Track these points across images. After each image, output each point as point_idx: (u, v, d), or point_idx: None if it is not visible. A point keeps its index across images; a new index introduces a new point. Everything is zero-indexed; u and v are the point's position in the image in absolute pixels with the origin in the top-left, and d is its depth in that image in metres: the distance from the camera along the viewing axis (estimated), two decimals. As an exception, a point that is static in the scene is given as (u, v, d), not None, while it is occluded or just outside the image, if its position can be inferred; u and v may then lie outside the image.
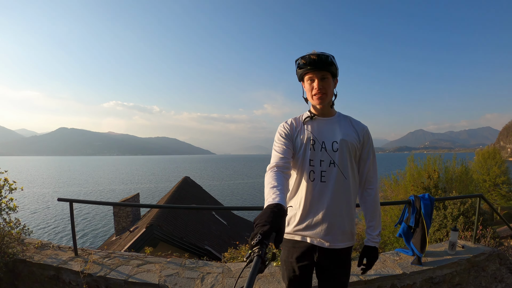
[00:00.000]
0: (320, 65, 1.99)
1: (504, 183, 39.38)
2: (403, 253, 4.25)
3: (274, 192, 1.67)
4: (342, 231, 2.07)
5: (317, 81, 2.04)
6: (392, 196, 23.54)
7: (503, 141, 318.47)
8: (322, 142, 2.08)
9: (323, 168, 2.05)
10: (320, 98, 2.07)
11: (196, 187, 22.91)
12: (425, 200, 3.94)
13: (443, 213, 11.56)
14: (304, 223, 2.08)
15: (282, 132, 2.18)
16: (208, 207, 6.04)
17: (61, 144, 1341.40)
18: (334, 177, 2.04)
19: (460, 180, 25.07)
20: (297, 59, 2.09)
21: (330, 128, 2.14)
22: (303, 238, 2.10)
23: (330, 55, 2.02)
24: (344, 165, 2.06)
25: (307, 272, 2.13)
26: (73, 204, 4.05)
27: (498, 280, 4.42)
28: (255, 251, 1.27)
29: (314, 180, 2.05)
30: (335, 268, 2.10)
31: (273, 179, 1.82)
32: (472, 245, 4.62)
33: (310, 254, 2.09)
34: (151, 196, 56.74)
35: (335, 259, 2.09)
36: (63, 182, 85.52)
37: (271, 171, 1.93)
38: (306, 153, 2.09)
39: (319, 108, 2.17)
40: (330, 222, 2.04)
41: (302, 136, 2.13)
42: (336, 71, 2.09)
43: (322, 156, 2.06)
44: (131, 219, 15.98)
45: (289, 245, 2.16)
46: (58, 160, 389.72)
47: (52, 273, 3.71)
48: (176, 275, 3.64)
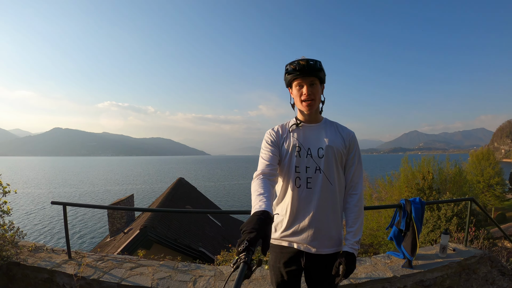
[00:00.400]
0: (309, 71, 2.01)
1: (498, 184, 39.62)
2: (394, 256, 4.28)
3: (260, 200, 1.71)
4: (328, 236, 2.08)
5: (306, 87, 2.06)
6: (387, 197, 23.62)
7: (497, 143, 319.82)
8: (307, 148, 2.11)
9: (309, 174, 2.07)
10: (309, 104, 2.09)
11: (191, 188, 22.87)
12: (416, 204, 3.97)
13: (437, 214, 11.61)
14: (291, 229, 2.10)
15: (268, 139, 2.21)
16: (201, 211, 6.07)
17: (55, 145, 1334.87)
18: (320, 183, 2.06)
19: (454, 181, 25.21)
20: (286, 65, 2.10)
21: (316, 135, 2.16)
22: (290, 244, 2.12)
23: (318, 61, 2.04)
24: (330, 171, 2.08)
25: (295, 277, 2.16)
26: (66, 207, 4.05)
27: (489, 282, 4.45)
28: (242, 258, 1.29)
29: (300, 186, 2.08)
30: (323, 274, 2.10)
31: (260, 187, 1.87)
32: (463, 248, 4.65)
33: (297, 259, 2.11)
34: (146, 197, 56.51)
35: (322, 264, 2.09)
36: (57, 183, 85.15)
37: (258, 178, 1.97)
38: (291, 160, 2.12)
39: (307, 114, 2.18)
40: (316, 228, 2.05)
41: (288, 143, 2.15)
42: (324, 77, 2.11)
43: (308, 163, 2.08)
44: (125, 220, 15.93)
45: (277, 251, 2.18)
46: (53, 161, 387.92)
47: (46, 276, 3.71)
48: (169, 278, 3.66)
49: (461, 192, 24.60)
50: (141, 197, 55.49)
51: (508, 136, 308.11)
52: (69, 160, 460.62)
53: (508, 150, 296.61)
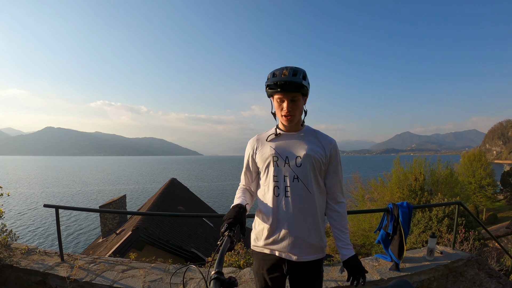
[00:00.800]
0: (291, 88, 1.97)
1: (490, 185, 39.90)
2: (382, 258, 4.34)
3: (237, 198, 2.18)
4: (309, 244, 2.10)
5: (287, 103, 2.04)
6: (379, 198, 23.73)
7: (488, 144, 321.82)
8: (285, 157, 2.13)
9: (287, 183, 2.09)
10: (289, 120, 2.09)
11: (183, 189, 22.82)
12: (403, 208, 4.03)
13: (429, 215, 11.70)
14: (272, 237, 2.14)
15: (248, 148, 2.34)
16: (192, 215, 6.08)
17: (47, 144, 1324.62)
18: (299, 192, 2.08)
19: (445, 182, 25.38)
20: (268, 75, 2.08)
21: (295, 144, 2.16)
22: (271, 251, 2.16)
23: (302, 74, 2.01)
24: (308, 180, 2.09)
25: (279, 283, 2.20)
26: (59, 210, 4.08)
27: (477, 284, 4.52)
28: (225, 234, 1.72)
29: (279, 195, 2.11)
30: (305, 280, 2.14)
31: (238, 193, 2.27)
32: (450, 251, 4.72)
33: (279, 266, 2.14)
34: (138, 197, 56.31)
35: (304, 271, 2.13)
36: (50, 183, 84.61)
37: (239, 188, 2.35)
38: (269, 169, 2.16)
39: (287, 125, 2.19)
40: (296, 236, 2.08)
41: (265, 152, 2.19)
42: (306, 91, 2.07)
43: (286, 172, 2.10)
44: (117, 221, 15.88)
45: (260, 258, 2.22)
46: (45, 160, 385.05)
47: (39, 279, 3.73)
48: (160, 281, 3.69)
49: (452, 193, 24.77)
50: (134, 198, 55.27)
51: (499, 138, 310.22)
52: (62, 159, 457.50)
53: (500, 151, 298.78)
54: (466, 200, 31.46)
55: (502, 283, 4.75)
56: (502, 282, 4.76)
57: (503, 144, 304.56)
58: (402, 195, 20.84)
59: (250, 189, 2.34)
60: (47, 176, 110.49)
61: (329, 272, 3.90)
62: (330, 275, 3.81)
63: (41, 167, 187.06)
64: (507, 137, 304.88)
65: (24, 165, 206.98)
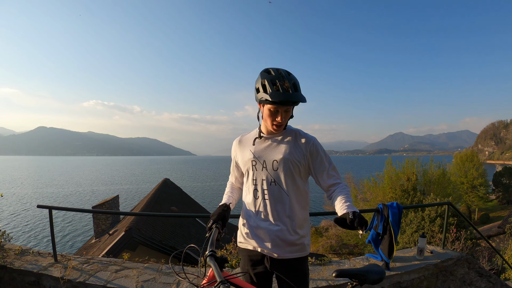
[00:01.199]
0: (288, 103, 1.99)
1: (482, 185, 40.16)
2: (373, 258, 4.39)
3: (224, 197, 2.42)
4: (288, 243, 2.17)
5: (281, 115, 2.06)
6: (371, 198, 23.84)
7: (481, 144, 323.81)
8: (263, 161, 2.21)
9: (265, 186, 2.19)
10: (280, 128, 2.15)
11: (176, 189, 22.80)
12: (393, 209, 4.07)
13: (421, 215, 11.79)
14: (253, 236, 2.25)
15: (232, 149, 2.49)
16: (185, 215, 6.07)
17: (40, 144, 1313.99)
18: (276, 195, 2.17)
19: (438, 182, 25.50)
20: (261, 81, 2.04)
21: (273, 147, 2.21)
22: (254, 248, 2.26)
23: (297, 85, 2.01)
24: (285, 183, 2.16)
25: (264, 279, 2.30)
26: (52, 210, 4.08)
27: (467, 283, 4.58)
28: (213, 227, 1.98)
29: (258, 198, 2.22)
30: (290, 277, 2.21)
31: (228, 190, 2.51)
32: (440, 250, 4.77)
33: (262, 262, 2.26)
34: (131, 198, 56.12)
35: (287, 268, 2.21)
36: (43, 183, 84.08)
37: (228, 184, 2.60)
38: (249, 173, 2.27)
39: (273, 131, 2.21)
40: (275, 236, 2.16)
41: (245, 155, 2.30)
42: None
43: (263, 175, 2.20)
44: (110, 222, 15.84)
45: (245, 254, 2.33)
46: (38, 160, 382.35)
47: (32, 279, 3.73)
48: (153, 281, 3.70)
49: (445, 193, 24.90)
50: (127, 198, 55.08)
51: (491, 138, 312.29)
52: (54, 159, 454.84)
53: (492, 152, 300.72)
54: (459, 200, 31.63)
55: (492, 282, 4.82)
56: (492, 281, 4.82)
57: (495, 144, 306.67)
58: (394, 195, 20.95)
59: (237, 185, 2.56)
60: (40, 176, 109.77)
61: (320, 271, 3.92)
62: (321, 274, 3.84)
63: (34, 167, 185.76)
64: (499, 137, 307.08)
65: (17, 165, 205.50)
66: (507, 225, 17.73)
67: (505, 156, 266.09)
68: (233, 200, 2.40)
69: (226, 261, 1.76)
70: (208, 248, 1.73)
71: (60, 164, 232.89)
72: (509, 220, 17.61)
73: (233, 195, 2.43)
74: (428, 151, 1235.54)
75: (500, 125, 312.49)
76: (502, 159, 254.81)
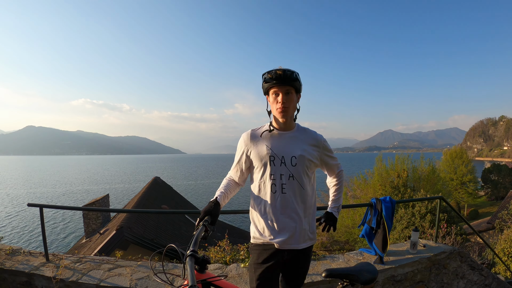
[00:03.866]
0: (285, 80, 2.18)
1: (471, 182, 40.56)
2: (366, 252, 4.41)
3: (217, 193, 2.35)
4: (304, 234, 2.34)
5: (282, 95, 2.23)
6: (362, 195, 23.91)
7: (470, 142, 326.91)
8: (281, 157, 2.30)
9: (283, 181, 2.29)
10: (283, 111, 2.26)
11: (167, 187, 22.77)
12: (386, 203, 4.10)
13: (411, 212, 11.85)
14: (270, 230, 2.32)
15: (242, 143, 2.48)
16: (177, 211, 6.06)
17: (28, 143, 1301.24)
18: (294, 189, 2.30)
19: (428, 179, 25.68)
20: (263, 73, 2.26)
21: (289, 143, 2.35)
22: (272, 242, 2.32)
23: (295, 72, 2.22)
24: (302, 177, 2.31)
25: (276, 270, 2.37)
26: (43, 209, 4.03)
27: (459, 276, 4.62)
28: (200, 224, 1.98)
29: (276, 192, 2.30)
30: (299, 266, 2.42)
31: (222, 185, 2.46)
32: (433, 244, 4.81)
33: (276, 255, 2.31)
34: (122, 197, 55.80)
35: (300, 257, 2.39)
36: (32, 183, 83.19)
37: (225, 179, 2.55)
38: (266, 168, 2.33)
39: (281, 122, 2.35)
40: (292, 228, 2.30)
41: (261, 150, 2.35)
42: (299, 86, 2.29)
43: (282, 171, 2.29)
44: (101, 221, 15.74)
45: (260, 249, 2.37)
46: (27, 160, 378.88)
47: (24, 280, 3.68)
48: (147, 278, 3.67)
49: (435, 190, 25.09)
50: (117, 197, 54.77)
51: (480, 136, 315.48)
52: (43, 159, 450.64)
53: (481, 149, 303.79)
54: (448, 196, 31.90)
55: (484, 275, 4.86)
56: (484, 274, 4.87)
57: (483, 142, 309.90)
58: (384, 192, 21.07)
59: (235, 180, 2.56)
60: (30, 176, 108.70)
61: (315, 266, 3.93)
62: (315, 269, 3.84)
63: (23, 167, 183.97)
64: (488, 135, 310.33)
65: (6, 165, 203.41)
66: (496, 221, 17.92)
67: (494, 153, 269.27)
68: (225, 197, 2.40)
69: (208, 262, 1.84)
70: (190, 248, 1.73)
71: (50, 164, 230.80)
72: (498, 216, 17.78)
73: (227, 191, 2.43)
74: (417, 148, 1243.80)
75: (489, 123, 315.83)
76: (491, 156, 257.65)
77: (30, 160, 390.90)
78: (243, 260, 4.16)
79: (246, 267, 3.88)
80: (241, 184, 2.60)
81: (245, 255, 4.24)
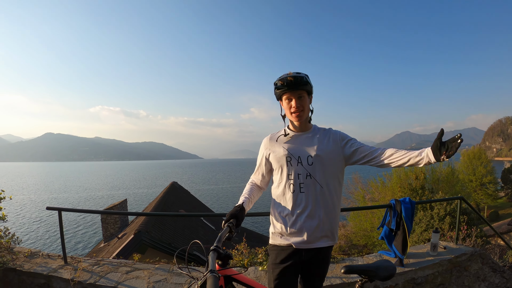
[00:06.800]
0: (297, 85, 2.23)
1: (490, 183, 39.83)
2: (386, 255, 4.36)
3: (241, 198, 2.43)
4: (323, 233, 2.33)
5: (295, 100, 2.29)
6: (380, 198, 23.65)
7: (488, 141, 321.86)
8: (298, 157, 2.35)
9: (301, 180, 2.32)
10: (298, 115, 2.33)
11: (184, 192, 22.87)
12: (406, 204, 4.05)
13: (430, 214, 11.69)
14: (289, 230, 2.34)
15: (262, 148, 2.60)
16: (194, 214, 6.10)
17: (47, 150, 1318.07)
18: (312, 188, 2.31)
19: (446, 180, 25.32)
20: (275, 81, 2.32)
21: (305, 143, 2.39)
22: (290, 242, 2.34)
23: (305, 75, 2.28)
24: (320, 176, 2.32)
25: (296, 271, 2.38)
26: (61, 213, 4.08)
27: (481, 279, 4.53)
28: (224, 226, 2.07)
29: (294, 191, 2.33)
30: (317, 266, 2.41)
31: (245, 190, 2.55)
32: (454, 246, 4.73)
33: (294, 256, 2.33)
34: (139, 201, 56.29)
35: (319, 257, 2.38)
36: (51, 188, 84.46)
37: (248, 183, 2.63)
38: (284, 168, 2.39)
39: (297, 125, 2.43)
40: (311, 227, 2.30)
41: (278, 152, 2.42)
42: (311, 88, 2.34)
43: (299, 170, 2.33)
44: (119, 226, 15.88)
45: (278, 249, 2.40)
46: (45, 166, 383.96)
47: (42, 281, 3.73)
48: (164, 281, 3.69)
49: (453, 191, 24.72)
50: (135, 202, 55.27)
51: (499, 135, 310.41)
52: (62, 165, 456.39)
53: (500, 148, 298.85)
54: (468, 198, 31.38)
55: (506, 278, 4.76)
56: (506, 277, 4.76)
57: (502, 141, 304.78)
58: (403, 195, 20.77)
59: (258, 184, 2.63)
60: (48, 182, 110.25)
61: (334, 269, 3.90)
62: (334, 272, 3.82)
63: (42, 173, 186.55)
64: (507, 134, 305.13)
65: (26, 172, 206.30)
66: (517, 222, 17.59)
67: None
68: (249, 201, 2.46)
69: (230, 257, 1.94)
70: (214, 243, 1.85)
71: (68, 170, 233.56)
72: (520, 217, 17.48)
73: (251, 196, 2.49)
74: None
75: (507, 122, 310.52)
76: (510, 155, 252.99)
77: (50, 166, 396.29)
78: (261, 263, 4.16)
79: (264, 270, 3.88)
80: (263, 187, 2.66)
81: (263, 258, 4.24)
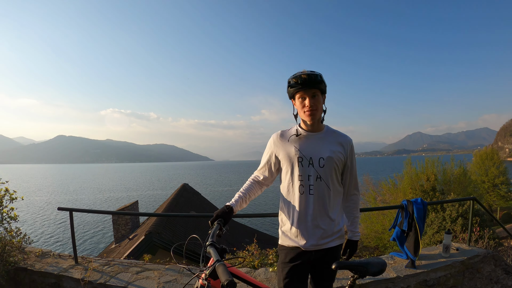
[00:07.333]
0: (311, 83, 2.20)
1: (503, 184, 39.29)
2: (397, 256, 4.31)
3: (235, 196, 2.45)
4: (331, 233, 2.37)
5: (308, 99, 2.25)
6: (391, 199, 23.48)
7: (501, 142, 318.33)
8: (309, 158, 2.34)
9: (311, 182, 2.33)
10: (311, 114, 2.27)
11: (195, 194, 22.92)
12: (418, 205, 4.02)
13: (442, 215, 11.60)
14: (298, 230, 2.36)
15: (271, 143, 2.53)
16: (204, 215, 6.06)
17: (59, 152, 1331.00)
18: (321, 190, 2.33)
19: (458, 181, 25.05)
20: (289, 78, 2.30)
21: (317, 144, 2.37)
22: (299, 242, 2.35)
23: (319, 74, 2.23)
24: (329, 178, 2.34)
25: (302, 272, 2.39)
26: (73, 213, 4.11)
27: (493, 281, 4.47)
28: (214, 223, 2.14)
29: (304, 193, 2.34)
30: (326, 266, 2.38)
31: (243, 187, 2.54)
32: (466, 247, 4.68)
33: (303, 255, 2.36)
34: (150, 203, 56.42)
35: (327, 257, 2.39)
36: (63, 190, 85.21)
37: (249, 179, 2.62)
38: (295, 169, 2.37)
39: (310, 124, 2.37)
40: (319, 228, 2.33)
41: (290, 151, 2.39)
42: (325, 88, 2.31)
43: (310, 172, 2.33)
44: (130, 227, 15.98)
45: (287, 249, 2.41)
46: (57, 168, 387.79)
47: (53, 281, 3.76)
48: (174, 282, 3.70)
49: (466, 193, 24.44)
50: (146, 203, 55.42)
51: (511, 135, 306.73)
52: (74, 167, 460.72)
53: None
54: (480, 199, 31.05)
55: (520, 280, 4.69)
56: (519, 279, 4.70)
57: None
58: (414, 196, 20.55)
59: (261, 180, 2.58)
60: (60, 183, 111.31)
61: (344, 271, 3.87)
62: (345, 273, 3.79)
63: (53, 175, 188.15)
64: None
65: (37, 174, 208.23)
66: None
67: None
68: (243, 201, 2.47)
69: (226, 251, 1.96)
70: (209, 239, 1.92)
71: (80, 172, 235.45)
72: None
73: (246, 195, 2.49)
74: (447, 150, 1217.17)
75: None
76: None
77: (62, 168, 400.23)
78: (272, 264, 4.14)
79: (275, 271, 3.87)
80: (266, 184, 2.62)
81: (273, 259, 4.23)
